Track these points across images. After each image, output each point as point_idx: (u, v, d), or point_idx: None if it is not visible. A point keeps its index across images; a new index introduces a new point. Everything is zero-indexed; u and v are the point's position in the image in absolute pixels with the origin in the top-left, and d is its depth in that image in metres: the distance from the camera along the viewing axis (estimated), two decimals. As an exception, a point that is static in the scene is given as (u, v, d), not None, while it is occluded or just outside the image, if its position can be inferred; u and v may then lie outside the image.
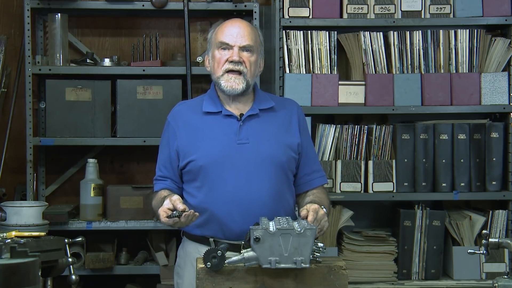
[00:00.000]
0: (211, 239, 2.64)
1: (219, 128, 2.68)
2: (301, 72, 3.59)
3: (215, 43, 2.72)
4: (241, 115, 2.69)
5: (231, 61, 2.66)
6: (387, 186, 3.59)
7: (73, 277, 2.58)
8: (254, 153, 2.64)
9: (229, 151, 2.63)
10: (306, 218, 2.43)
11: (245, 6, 3.71)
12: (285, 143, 2.70)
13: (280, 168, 2.67)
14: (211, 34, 2.77)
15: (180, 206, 2.43)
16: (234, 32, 2.68)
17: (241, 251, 2.30)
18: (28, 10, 3.61)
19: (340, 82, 3.59)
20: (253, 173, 2.62)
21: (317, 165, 2.82)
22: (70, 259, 2.54)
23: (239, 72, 2.66)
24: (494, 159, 3.61)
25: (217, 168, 2.63)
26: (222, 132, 2.67)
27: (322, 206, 2.53)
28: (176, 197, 2.48)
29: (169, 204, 2.45)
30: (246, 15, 3.83)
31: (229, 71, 2.67)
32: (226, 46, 2.67)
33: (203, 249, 2.62)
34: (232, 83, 2.66)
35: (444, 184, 3.61)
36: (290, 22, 3.59)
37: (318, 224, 2.44)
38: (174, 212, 2.42)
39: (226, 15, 3.81)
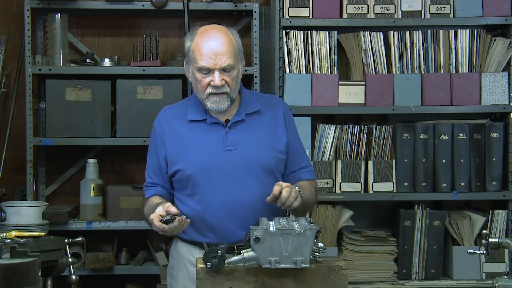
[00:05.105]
0: (205, 244, 2.63)
1: (205, 136, 2.65)
2: (301, 72, 3.58)
3: (193, 63, 2.61)
4: (227, 120, 2.66)
5: (214, 86, 2.58)
6: (387, 186, 3.59)
7: (73, 277, 2.58)
8: (242, 159, 2.62)
9: (216, 159, 2.62)
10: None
11: (245, 6, 3.71)
12: (272, 146, 2.68)
13: (268, 171, 2.65)
14: (188, 46, 2.64)
15: (173, 210, 2.44)
16: (213, 52, 2.55)
17: (241, 251, 2.30)
18: (28, 10, 3.61)
19: (340, 82, 3.59)
20: (242, 179, 2.61)
21: (305, 161, 2.78)
22: (70, 259, 2.54)
23: (223, 92, 2.60)
24: (494, 159, 3.61)
25: (205, 176, 2.61)
26: (208, 140, 2.64)
27: (294, 186, 2.53)
28: (168, 204, 2.49)
29: (161, 211, 2.45)
30: (246, 15, 3.83)
31: (212, 93, 2.60)
32: (206, 70, 2.58)
33: (196, 250, 2.64)
34: (217, 104, 2.60)
35: (444, 184, 3.61)
36: (290, 22, 3.58)
37: (281, 188, 2.44)
38: (167, 216, 2.42)
39: (226, 15, 3.82)
